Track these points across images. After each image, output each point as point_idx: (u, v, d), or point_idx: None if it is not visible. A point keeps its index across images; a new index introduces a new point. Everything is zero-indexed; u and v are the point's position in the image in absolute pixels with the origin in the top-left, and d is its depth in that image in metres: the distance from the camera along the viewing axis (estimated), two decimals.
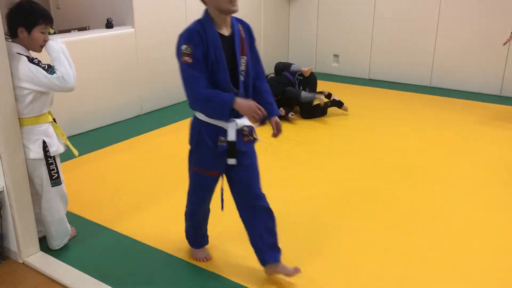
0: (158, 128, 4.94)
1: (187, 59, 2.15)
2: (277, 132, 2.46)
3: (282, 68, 5.61)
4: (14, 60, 2.46)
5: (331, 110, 5.34)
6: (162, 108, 5.64)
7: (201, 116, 2.31)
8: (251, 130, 2.36)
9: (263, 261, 2.50)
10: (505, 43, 5.16)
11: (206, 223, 2.72)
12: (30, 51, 2.57)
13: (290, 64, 5.57)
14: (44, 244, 2.80)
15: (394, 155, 4.23)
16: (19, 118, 2.52)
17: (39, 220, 2.77)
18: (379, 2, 6.75)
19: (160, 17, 5.35)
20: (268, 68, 4.87)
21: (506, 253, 2.80)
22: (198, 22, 2.22)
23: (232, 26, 2.29)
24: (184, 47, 2.15)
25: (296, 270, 2.48)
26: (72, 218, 3.07)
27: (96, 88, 4.83)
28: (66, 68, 2.52)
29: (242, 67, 2.29)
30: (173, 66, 5.65)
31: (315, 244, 2.87)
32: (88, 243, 2.89)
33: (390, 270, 2.63)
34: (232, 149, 2.30)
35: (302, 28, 7.52)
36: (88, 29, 5.07)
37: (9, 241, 2.70)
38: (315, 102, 5.20)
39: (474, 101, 5.93)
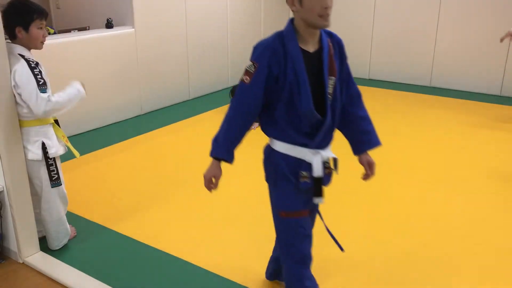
0: (158, 128, 4.94)
1: (246, 78, 1.86)
2: (370, 173, 2.11)
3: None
4: (15, 61, 2.46)
5: None
6: (162, 108, 5.64)
7: (278, 147, 1.94)
8: (334, 162, 2.04)
9: (280, 277, 2.43)
10: (502, 39, 5.08)
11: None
12: (32, 51, 2.56)
13: None
14: (44, 244, 2.80)
15: (394, 155, 4.23)
16: (19, 119, 2.52)
17: (39, 220, 2.77)
18: (379, 3, 6.75)
19: (160, 17, 5.35)
20: None
21: (506, 253, 2.80)
22: (278, 35, 1.87)
23: (321, 41, 1.92)
24: (249, 64, 1.86)
25: None
26: (72, 218, 3.07)
27: (96, 88, 4.83)
28: (59, 103, 2.49)
29: (330, 89, 1.90)
30: (173, 66, 5.72)
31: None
32: (88, 243, 2.89)
33: (388, 270, 2.63)
34: (318, 186, 1.96)
35: None
36: (88, 29, 5.07)
37: (9, 241, 2.70)
38: None
39: (474, 101, 5.93)
